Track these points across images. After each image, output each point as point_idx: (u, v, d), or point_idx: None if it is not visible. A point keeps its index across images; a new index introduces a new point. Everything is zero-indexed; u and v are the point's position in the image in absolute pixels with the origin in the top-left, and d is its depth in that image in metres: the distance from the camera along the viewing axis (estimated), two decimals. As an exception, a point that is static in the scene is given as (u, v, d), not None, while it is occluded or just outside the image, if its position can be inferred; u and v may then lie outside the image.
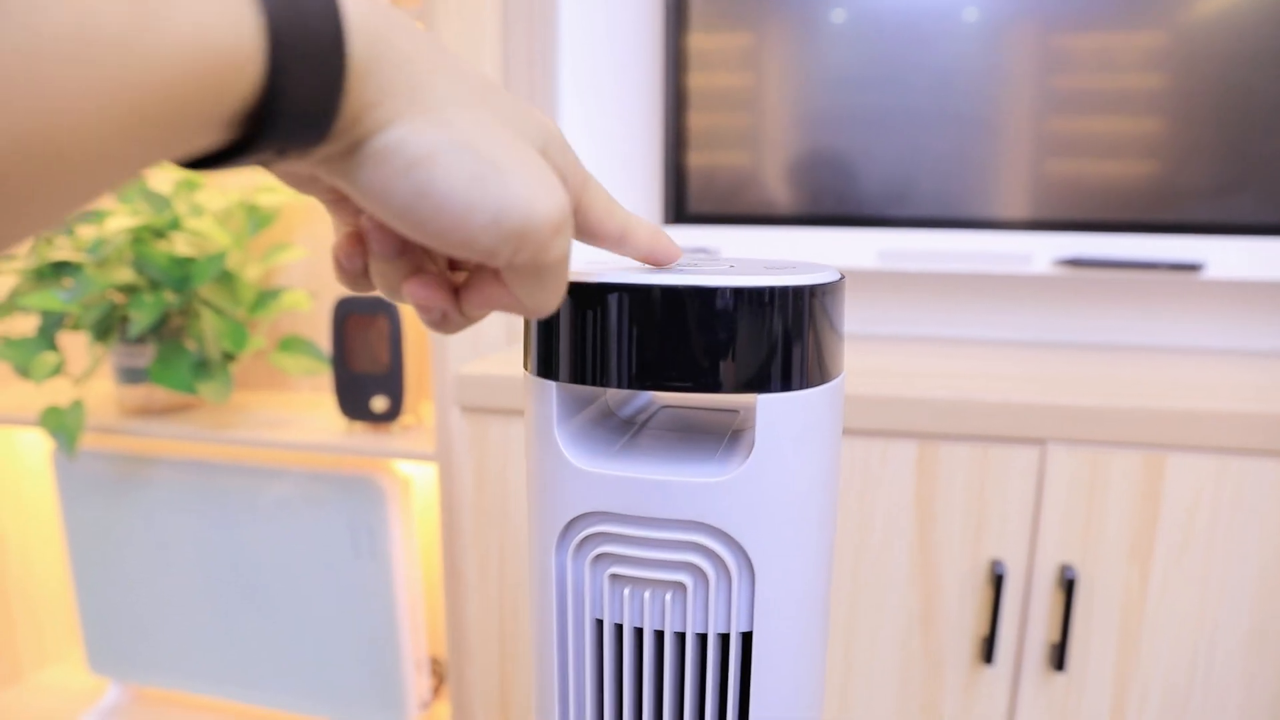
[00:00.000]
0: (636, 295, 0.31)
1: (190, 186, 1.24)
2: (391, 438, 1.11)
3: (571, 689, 0.36)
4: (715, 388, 0.31)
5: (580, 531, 0.34)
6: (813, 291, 0.32)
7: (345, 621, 1.21)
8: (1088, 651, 0.81)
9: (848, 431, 0.82)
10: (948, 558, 0.81)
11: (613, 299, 0.31)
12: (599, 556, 0.34)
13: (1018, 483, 0.79)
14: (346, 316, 1.12)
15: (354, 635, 1.21)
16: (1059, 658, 0.79)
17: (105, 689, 1.49)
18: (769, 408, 0.31)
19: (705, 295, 0.31)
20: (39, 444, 1.49)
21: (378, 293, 0.30)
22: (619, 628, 0.35)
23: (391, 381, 1.11)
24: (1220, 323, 1.07)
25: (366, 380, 1.12)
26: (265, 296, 1.22)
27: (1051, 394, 0.79)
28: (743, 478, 0.32)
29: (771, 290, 0.31)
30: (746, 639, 0.34)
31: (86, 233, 1.20)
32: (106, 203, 1.40)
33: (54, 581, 1.53)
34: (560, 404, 0.34)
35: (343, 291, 1.18)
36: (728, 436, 0.37)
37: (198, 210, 1.21)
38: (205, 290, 1.13)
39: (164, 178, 1.35)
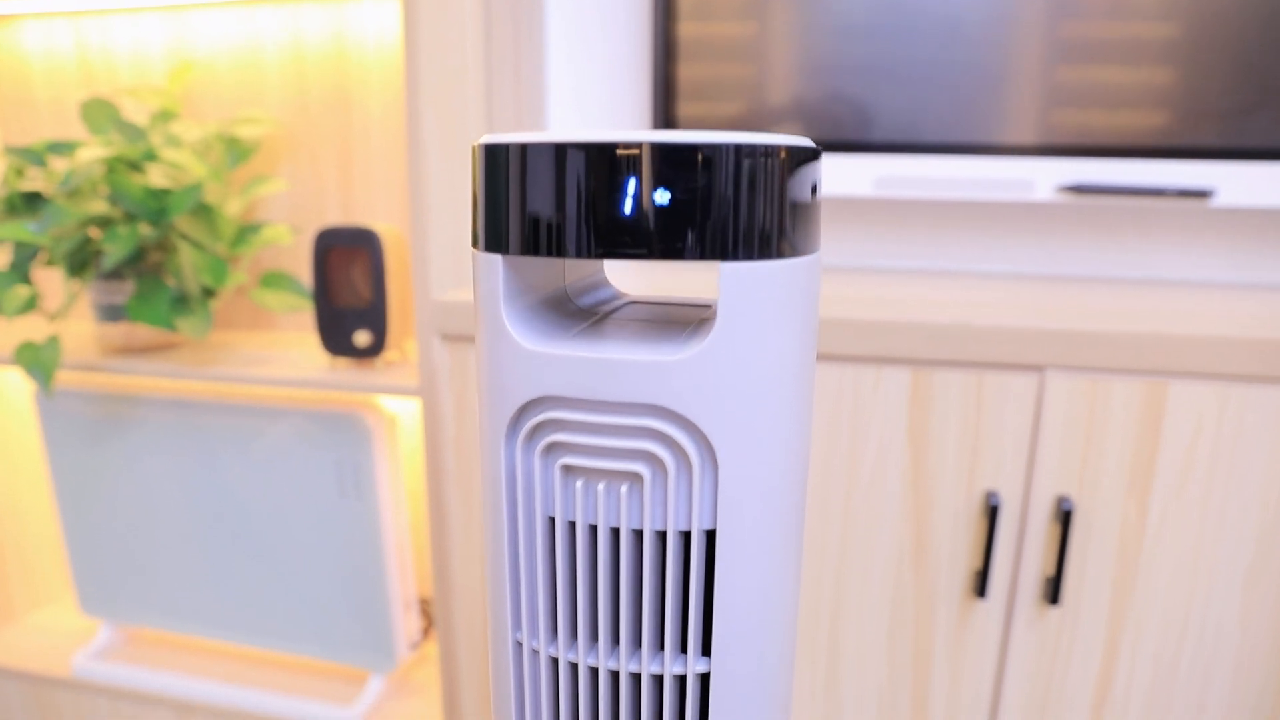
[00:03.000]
0: (591, 153, 0.28)
1: (166, 117, 1.20)
2: (375, 373, 1.08)
3: (524, 592, 0.34)
4: (676, 253, 0.28)
5: (530, 419, 0.32)
6: (785, 153, 0.29)
7: (333, 562, 1.20)
8: (1083, 585, 0.79)
9: (837, 358, 0.79)
10: (941, 489, 0.79)
11: (567, 157, 0.28)
12: (550, 447, 0.32)
13: (1014, 411, 0.77)
14: (328, 250, 1.09)
15: (342, 575, 1.20)
16: (1053, 591, 0.77)
17: (97, 630, 1.49)
18: (733, 278, 0.28)
19: (667, 152, 0.27)
20: (21, 386, 1.47)
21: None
22: (572, 526, 0.33)
23: (374, 316, 1.08)
24: (1229, 255, 1.04)
25: (349, 315, 1.10)
26: (245, 231, 1.18)
27: (1051, 320, 0.76)
28: (703, 356, 0.29)
29: (739, 148, 0.28)
30: (711, 539, 0.32)
31: (59, 165, 1.16)
32: (79, 133, 1.36)
33: (42, 524, 1.52)
34: (508, 280, 0.31)
35: (324, 223, 1.14)
36: (694, 325, 0.34)
37: (174, 141, 1.17)
38: (182, 223, 1.10)
39: (139, 108, 1.31)
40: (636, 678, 0.36)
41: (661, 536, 0.32)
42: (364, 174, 1.27)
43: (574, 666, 0.36)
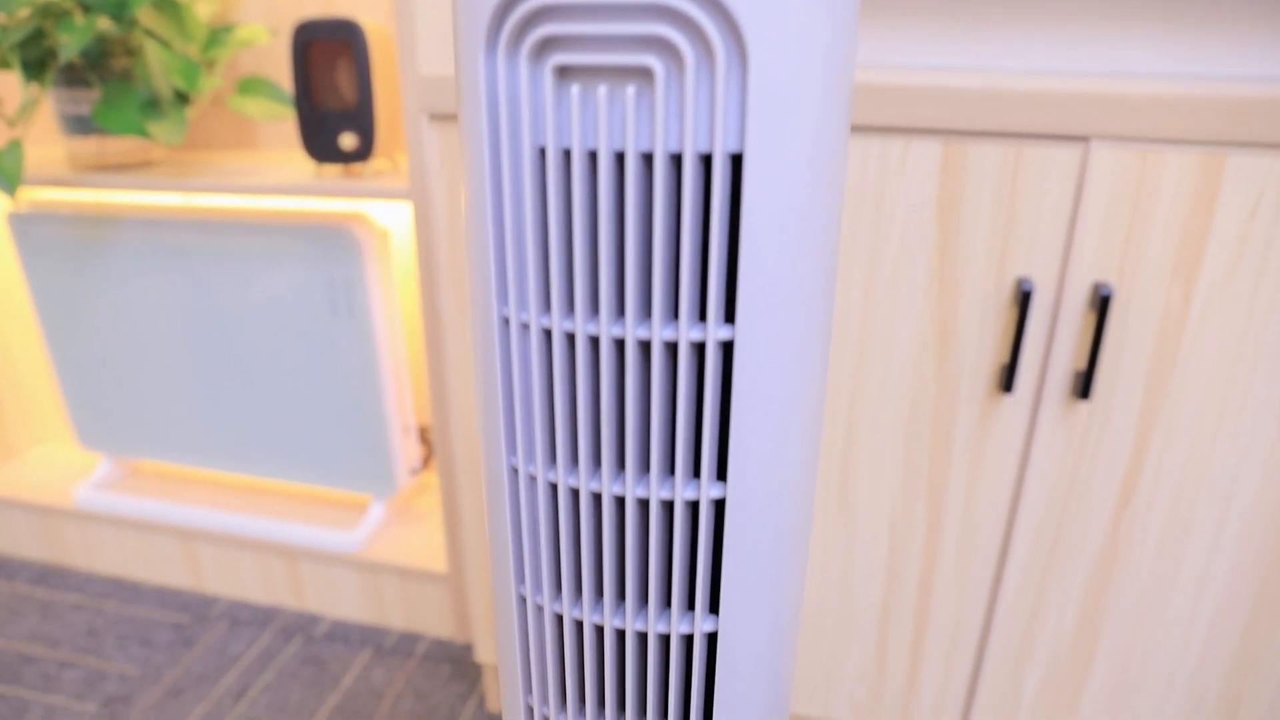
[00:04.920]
0: None
1: (123, -98, 1.09)
2: (363, 180, 1.01)
3: (510, 259, 0.28)
4: None
5: (515, 11, 0.25)
6: None
7: (330, 385, 1.17)
8: (1116, 380, 0.74)
9: (861, 128, 0.72)
10: (969, 276, 0.73)
11: None
12: (541, 46, 0.26)
13: (1054, 188, 0.70)
14: (308, 45, 1.00)
15: (339, 400, 1.17)
16: (1084, 386, 0.73)
17: (97, 464, 1.48)
18: None
19: None
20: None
21: None
22: (568, 159, 0.27)
23: (360, 117, 1.01)
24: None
25: (333, 117, 1.02)
26: (219, 33, 1.09)
27: (1099, 84, 0.69)
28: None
29: None
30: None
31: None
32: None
33: (35, 361, 1.49)
34: None
35: (304, 16, 1.04)
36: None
37: (133, -72, 1.07)
38: (146, 19, 1.00)
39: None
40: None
41: (677, 165, 0.26)
42: (344, -29, 1.16)
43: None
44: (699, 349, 0.29)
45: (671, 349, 0.30)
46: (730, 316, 0.29)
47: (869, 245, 0.74)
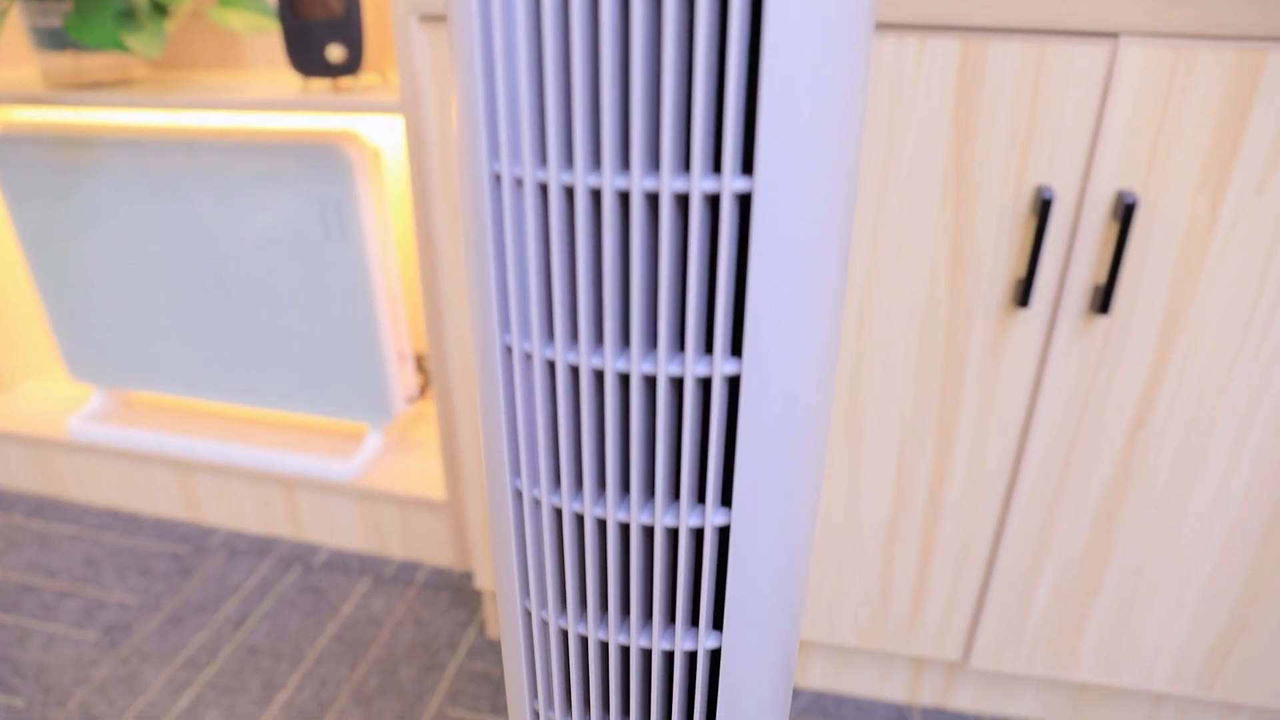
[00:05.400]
0: None
1: None
2: (352, 95, 0.97)
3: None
4: None
5: None
6: None
7: (323, 312, 1.14)
8: (1136, 294, 0.71)
9: (874, 26, 0.68)
10: (987, 185, 0.70)
11: None
12: None
13: (1078, 90, 0.66)
14: (288, -51, 0.95)
15: (333, 326, 1.14)
16: (1103, 300, 0.70)
17: (89, 396, 1.46)
18: None
19: None
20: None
21: None
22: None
23: (348, 26, 0.96)
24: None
25: (319, 28, 0.97)
26: (196, -61, 1.04)
27: (1132, -20, 0.64)
28: None
29: None
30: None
31: None
32: None
33: (23, 293, 1.46)
34: None
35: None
36: None
37: None
38: (119, -81, 0.95)
39: None
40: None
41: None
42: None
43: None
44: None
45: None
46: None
47: (881, 156, 0.71)
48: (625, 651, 0.34)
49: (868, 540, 0.86)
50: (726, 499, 0.31)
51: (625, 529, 0.32)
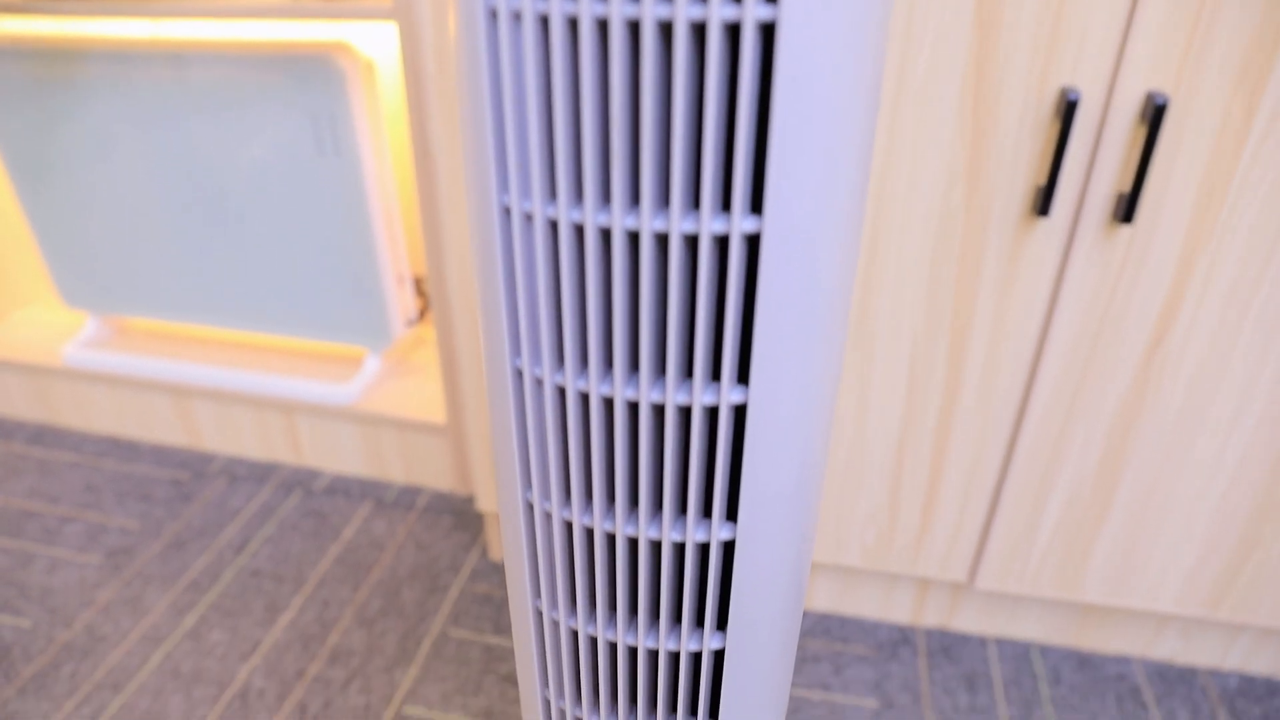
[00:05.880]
0: None
1: None
2: (344, 0, 0.93)
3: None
4: None
5: None
6: None
7: (318, 233, 1.11)
8: (1162, 202, 0.68)
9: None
10: (1009, 86, 0.67)
11: None
12: None
13: (1111, -19, 0.63)
14: None
15: (329, 248, 1.11)
16: (1128, 208, 0.67)
17: (84, 323, 1.44)
18: None
19: None
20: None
21: None
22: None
23: (335, -73, 0.91)
24: None
25: (305, -71, 0.93)
26: None
27: None
28: None
29: None
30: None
31: None
32: None
33: (12, 220, 1.43)
34: None
35: None
36: None
37: None
38: None
39: None
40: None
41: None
42: None
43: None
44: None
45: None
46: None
47: (898, 60, 0.67)
48: (634, 544, 0.34)
49: (875, 460, 0.85)
50: (744, 377, 0.29)
51: (634, 409, 0.30)
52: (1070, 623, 0.96)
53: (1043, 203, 0.68)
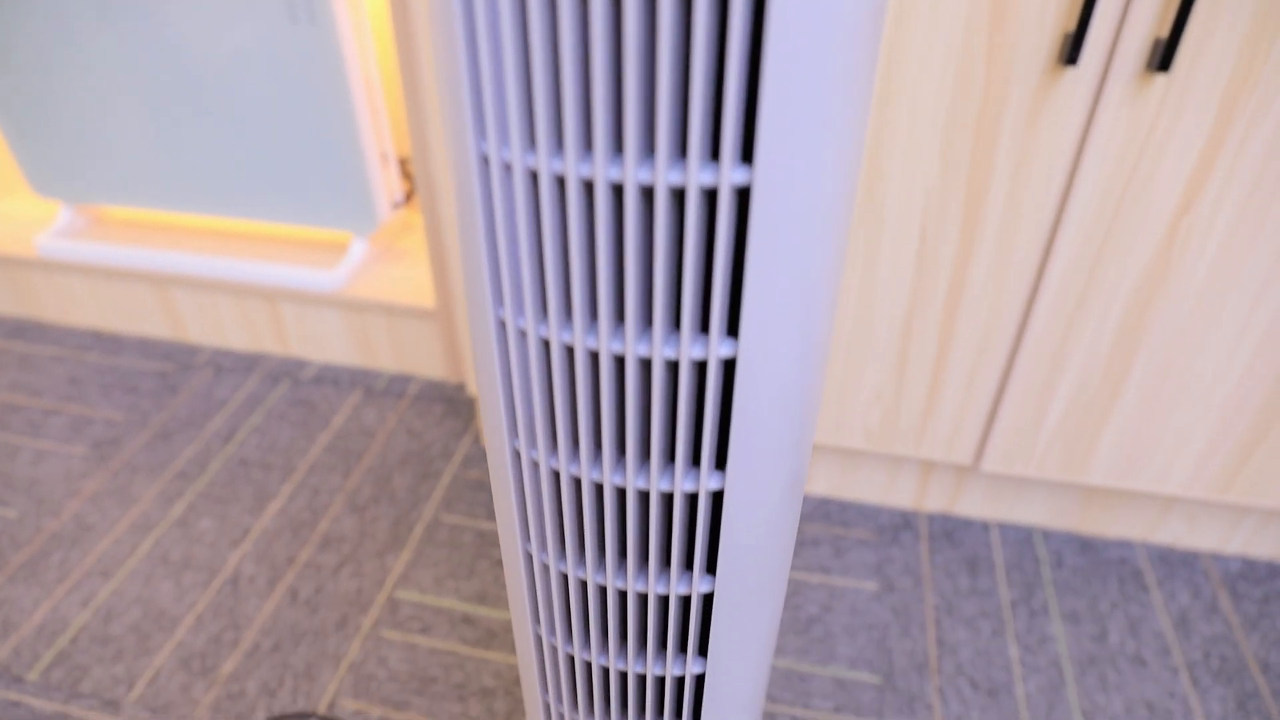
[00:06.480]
0: None
1: None
2: None
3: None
4: None
5: None
6: None
7: (296, 110, 1.05)
8: (1202, 50, 0.63)
9: None
10: (1041, -85, 0.61)
11: None
12: None
13: None
14: None
15: (308, 126, 1.05)
16: (1165, 55, 0.62)
17: (57, 212, 1.39)
18: None
19: None
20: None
21: None
22: None
23: None
24: None
25: None
26: None
27: None
28: None
29: None
30: None
31: None
32: None
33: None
34: None
35: None
36: None
37: None
38: None
39: None
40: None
41: None
42: None
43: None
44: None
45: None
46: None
47: (921, -123, 0.61)
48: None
49: (882, 335, 0.81)
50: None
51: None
52: (1073, 507, 0.95)
53: (1071, 50, 0.63)
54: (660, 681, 0.41)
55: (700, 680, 0.40)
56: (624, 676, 0.41)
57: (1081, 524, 0.96)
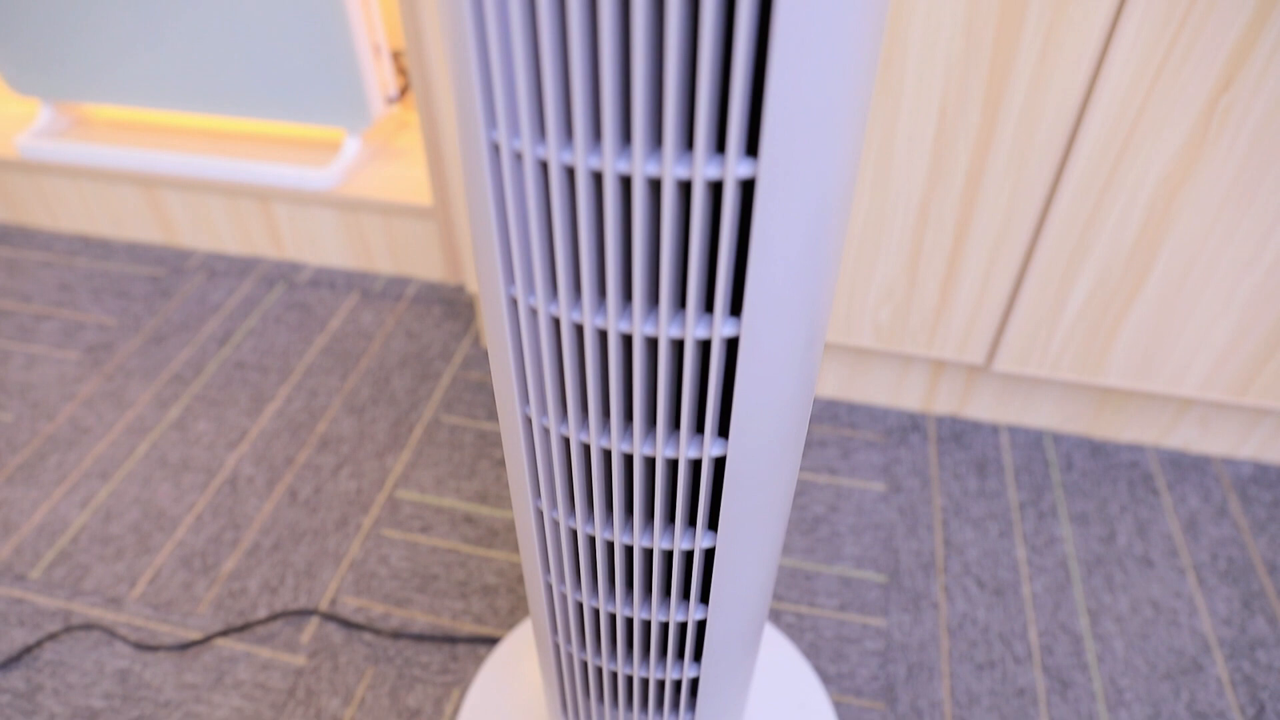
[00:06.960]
0: None
1: None
2: None
3: None
4: None
5: None
6: None
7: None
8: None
9: None
10: None
11: None
12: None
13: None
14: None
15: (295, 16, 1.00)
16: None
17: (36, 111, 1.34)
18: None
19: None
20: None
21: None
22: None
23: None
24: None
25: None
26: None
27: None
28: None
29: None
30: None
31: None
32: None
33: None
34: None
35: None
36: None
37: None
38: None
39: None
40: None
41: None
42: None
43: None
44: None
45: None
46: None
47: None
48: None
49: (894, 230, 0.78)
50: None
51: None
52: (1085, 411, 0.93)
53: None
54: (668, 556, 0.39)
55: (710, 554, 0.38)
56: (629, 550, 0.39)
57: (1093, 428, 0.94)
